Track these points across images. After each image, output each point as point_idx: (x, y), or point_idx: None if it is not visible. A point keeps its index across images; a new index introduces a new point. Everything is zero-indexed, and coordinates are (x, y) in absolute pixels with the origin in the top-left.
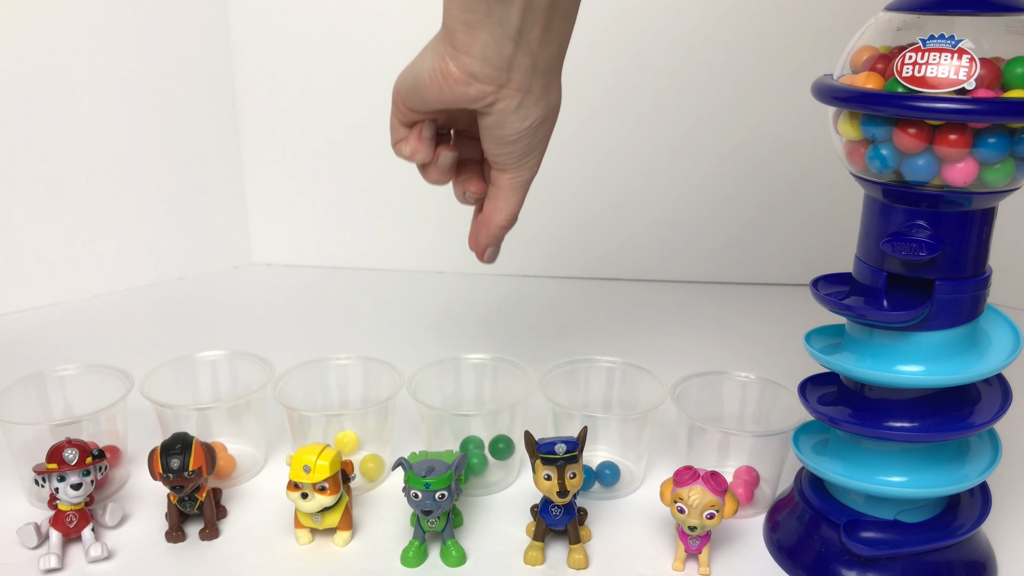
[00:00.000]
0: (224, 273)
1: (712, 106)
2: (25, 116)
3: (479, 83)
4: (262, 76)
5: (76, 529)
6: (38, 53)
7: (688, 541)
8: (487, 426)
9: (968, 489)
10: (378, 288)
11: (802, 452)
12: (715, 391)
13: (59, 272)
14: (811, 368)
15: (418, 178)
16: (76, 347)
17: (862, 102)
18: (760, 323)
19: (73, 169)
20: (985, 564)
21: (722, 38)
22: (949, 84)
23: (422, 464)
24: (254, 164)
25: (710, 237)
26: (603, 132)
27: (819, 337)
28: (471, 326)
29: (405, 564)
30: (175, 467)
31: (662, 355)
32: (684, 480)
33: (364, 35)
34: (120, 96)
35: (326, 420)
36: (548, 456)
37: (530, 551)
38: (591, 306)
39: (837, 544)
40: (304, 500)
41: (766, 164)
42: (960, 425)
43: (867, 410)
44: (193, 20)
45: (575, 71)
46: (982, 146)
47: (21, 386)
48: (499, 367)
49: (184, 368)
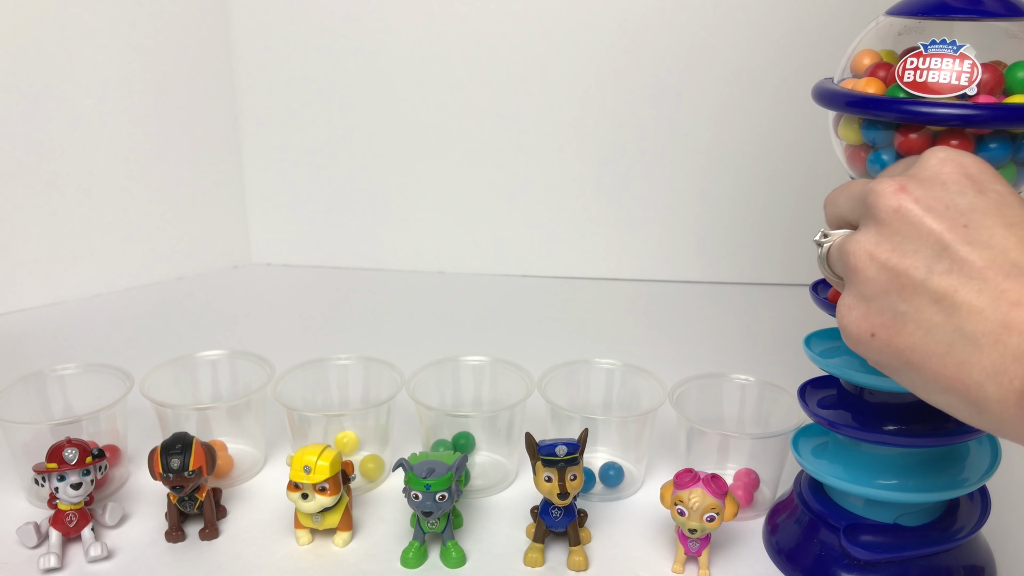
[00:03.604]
0: (224, 273)
1: (712, 106)
2: (25, 116)
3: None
4: (262, 76)
5: (76, 529)
6: (38, 53)
7: (688, 543)
8: (486, 427)
9: (967, 493)
10: (378, 288)
11: (801, 456)
12: (715, 393)
13: (59, 272)
14: (811, 370)
15: (418, 178)
16: (76, 347)
17: (863, 107)
18: (760, 324)
19: (73, 169)
20: (984, 568)
21: (722, 39)
22: (951, 89)
23: (423, 465)
24: (254, 164)
25: (710, 237)
26: (603, 132)
27: (819, 340)
28: (471, 326)
29: (405, 565)
30: (175, 467)
31: (662, 356)
32: (684, 483)
33: (364, 35)
34: (120, 96)
35: (326, 420)
36: (549, 458)
37: (530, 552)
38: (591, 306)
39: (836, 548)
40: (304, 500)
41: (766, 164)
42: (959, 429)
43: (867, 414)
44: (193, 20)
45: (575, 71)
46: (984, 151)
47: (21, 386)
48: (498, 368)
49: (184, 368)
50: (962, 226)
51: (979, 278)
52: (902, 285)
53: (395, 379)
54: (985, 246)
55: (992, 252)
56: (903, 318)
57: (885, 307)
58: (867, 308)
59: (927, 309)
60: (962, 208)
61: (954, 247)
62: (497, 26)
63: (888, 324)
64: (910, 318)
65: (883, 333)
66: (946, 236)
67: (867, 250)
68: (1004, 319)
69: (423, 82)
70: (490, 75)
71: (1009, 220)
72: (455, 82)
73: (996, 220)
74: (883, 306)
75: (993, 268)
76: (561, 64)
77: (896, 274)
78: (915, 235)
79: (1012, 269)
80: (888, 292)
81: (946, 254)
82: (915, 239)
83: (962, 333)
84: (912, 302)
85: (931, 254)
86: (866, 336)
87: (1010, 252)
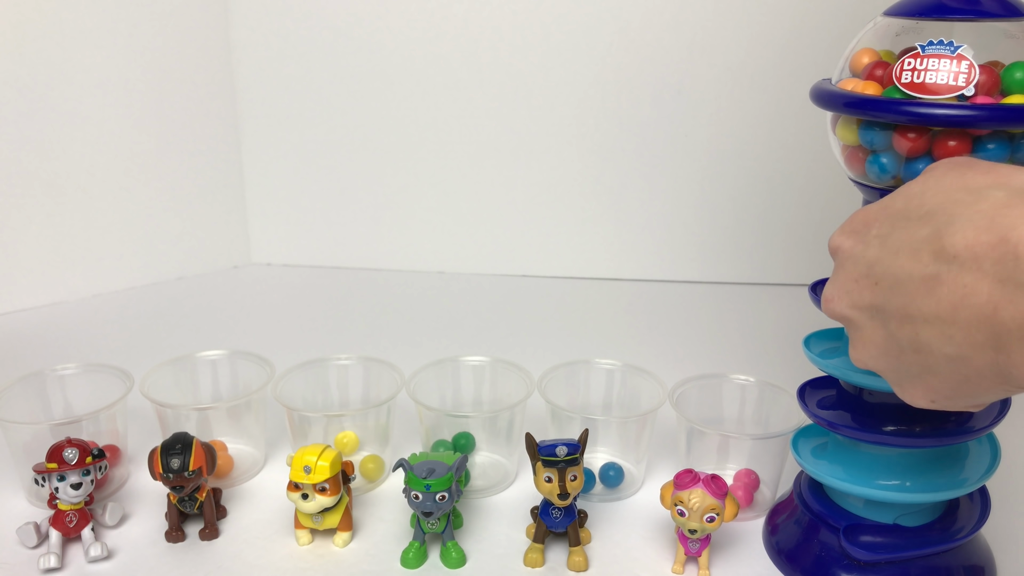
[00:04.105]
0: (224, 273)
1: (712, 106)
2: (25, 116)
3: None
4: (262, 76)
5: (76, 529)
6: (38, 53)
7: (688, 544)
8: (486, 428)
9: (967, 493)
10: (378, 288)
11: (801, 456)
12: (715, 394)
13: (59, 272)
14: (810, 370)
15: (418, 178)
16: (76, 347)
17: (861, 107)
18: (760, 324)
19: (73, 169)
20: (984, 568)
21: (722, 39)
22: (948, 90)
23: (423, 465)
24: (254, 164)
25: (710, 237)
26: (603, 132)
27: (818, 341)
28: (471, 326)
29: (405, 565)
30: (175, 467)
31: (662, 356)
32: (684, 483)
33: (364, 35)
34: (120, 96)
35: (326, 420)
36: (549, 458)
37: (530, 553)
38: (591, 306)
39: (836, 548)
40: (304, 501)
41: (766, 164)
42: (959, 429)
43: (866, 414)
44: (193, 20)
45: (575, 71)
46: (981, 152)
47: (21, 386)
48: (498, 369)
49: (184, 368)
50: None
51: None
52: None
53: (395, 379)
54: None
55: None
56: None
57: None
58: (878, 350)
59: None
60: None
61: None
62: (497, 26)
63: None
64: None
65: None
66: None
67: (829, 295)
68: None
69: (423, 82)
70: (490, 75)
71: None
72: (455, 82)
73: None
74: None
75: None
76: (561, 64)
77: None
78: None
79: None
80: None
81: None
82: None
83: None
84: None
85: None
86: (921, 397)
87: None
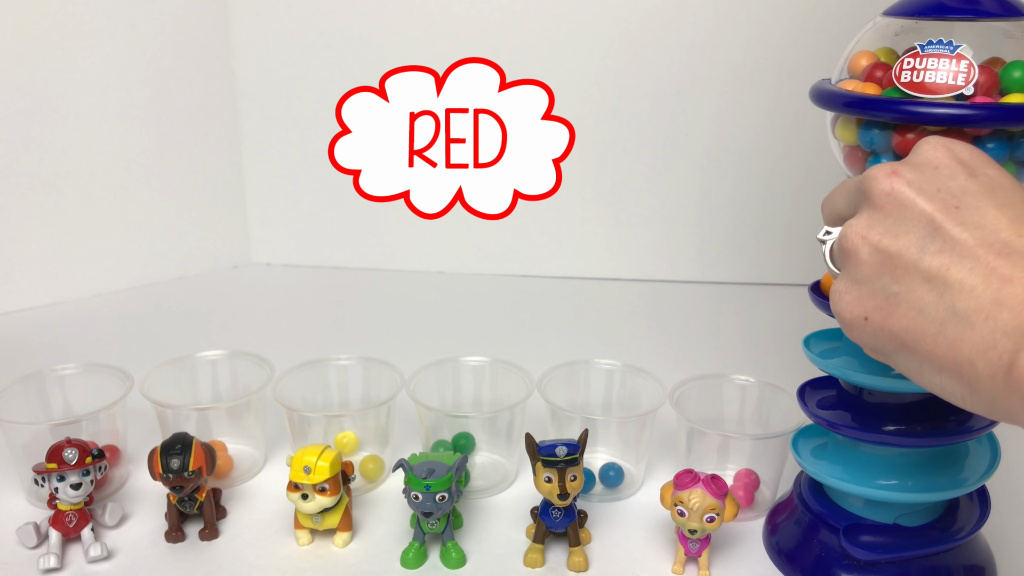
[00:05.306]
0: (224, 273)
1: (712, 106)
2: (25, 116)
3: None
4: (262, 76)
5: (76, 529)
6: (38, 53)
7: (688, 544)
8: (486, 428)
9: (967, 493)
10: (378, 288)
11: (801, 456)
12: (715, 394)
13: (59, 272)
14: (811, 371)
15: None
16: (76, 347)
17: (860, 107)
18: (760, 324)
19: (73, 169)
20: (984, 568)
21: (722, 39)
22: (947, 89)
23: (423, 466)
24: (254, 164)
25: (710, 237)
26: (603, 132)
27: (818, 341)
28: (471, 326)
29: (405, 565)
30: (175, 467)
31: (662, 356)
32: (684, 483)
33: (364, 35)
34: (120, 96)
35: (326, 421)
36: (549, 459)
37: (530, 553)
38: (591, 306)
39: (836, 548)
40: (304, 501)
41: (766, 164)
42: (959, 429)
43: (866, 414)
44: (193, 20)
45: (575, 71)
46: None
47: (21, 386)
48: (498, 369)
49: (184, 368)
50: (953, 207)
51: (971, 256)
52: (894, 266)
53: (395, 379)
54: (976, 226)
55: (983, 231)
56: (896, 299)
57: (878, 289)
58: (860, 291)
59: (919, 289)
60: (953, 190)
61: (946, 227)
62: (497, 26)
63: (881, 306)
64: (903, 299)
65: (876, 316)
66: (937, 217)
67: (860, 233)
68: (995, 296)
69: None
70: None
71: (1000, 201)
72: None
73: (987, 201)
74: (876, 288)
75: (984, 247)
76: (561, 64)
77: (888, 255)
78: (907, 217)
79: (1003, 248)
80: (880, 274)
81: (938, 234)
82: (907, 220)
83: (954, 311)
84: (904, 282)
85: (923, 234)
86: (859, 320)
87: (1001, 232)
